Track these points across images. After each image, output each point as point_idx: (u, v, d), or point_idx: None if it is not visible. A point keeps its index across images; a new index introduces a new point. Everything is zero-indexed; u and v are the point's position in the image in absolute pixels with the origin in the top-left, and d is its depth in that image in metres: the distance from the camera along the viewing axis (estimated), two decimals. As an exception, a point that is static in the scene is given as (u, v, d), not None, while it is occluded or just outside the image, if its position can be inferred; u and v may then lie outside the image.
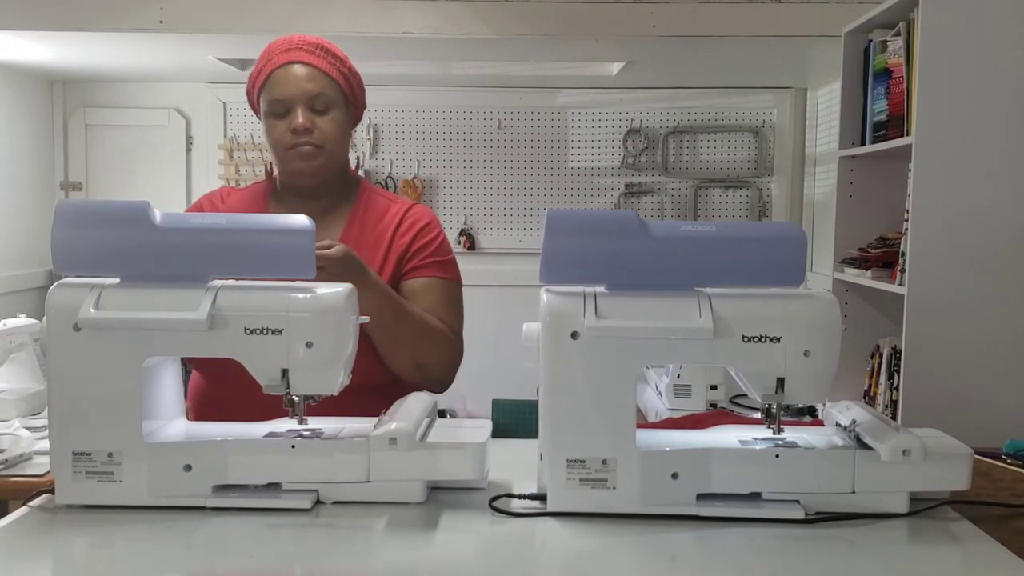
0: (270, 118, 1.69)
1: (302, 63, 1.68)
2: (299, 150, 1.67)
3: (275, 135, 1.69)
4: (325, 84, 1.69)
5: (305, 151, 1.67)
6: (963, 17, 2.35)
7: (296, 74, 1.68)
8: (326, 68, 1.70)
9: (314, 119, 1.67)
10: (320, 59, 1.70)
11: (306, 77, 1.68)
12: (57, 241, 1.27)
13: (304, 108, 1.67)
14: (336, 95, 1.71)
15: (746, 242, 1.28)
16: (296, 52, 1.70)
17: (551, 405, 1.27)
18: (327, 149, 1.69)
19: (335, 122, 1.70)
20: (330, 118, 1.69)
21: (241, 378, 1.31)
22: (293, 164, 1.69)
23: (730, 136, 4.32)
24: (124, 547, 1.19)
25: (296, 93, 1.67)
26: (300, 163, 1.68)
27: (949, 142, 2.36)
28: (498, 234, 4.36)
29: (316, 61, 1.70)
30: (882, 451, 1.22)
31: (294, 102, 1.67)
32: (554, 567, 1.16)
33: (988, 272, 2.38)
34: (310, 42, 1.72)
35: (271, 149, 1.72)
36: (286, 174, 1.73)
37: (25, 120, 4.10)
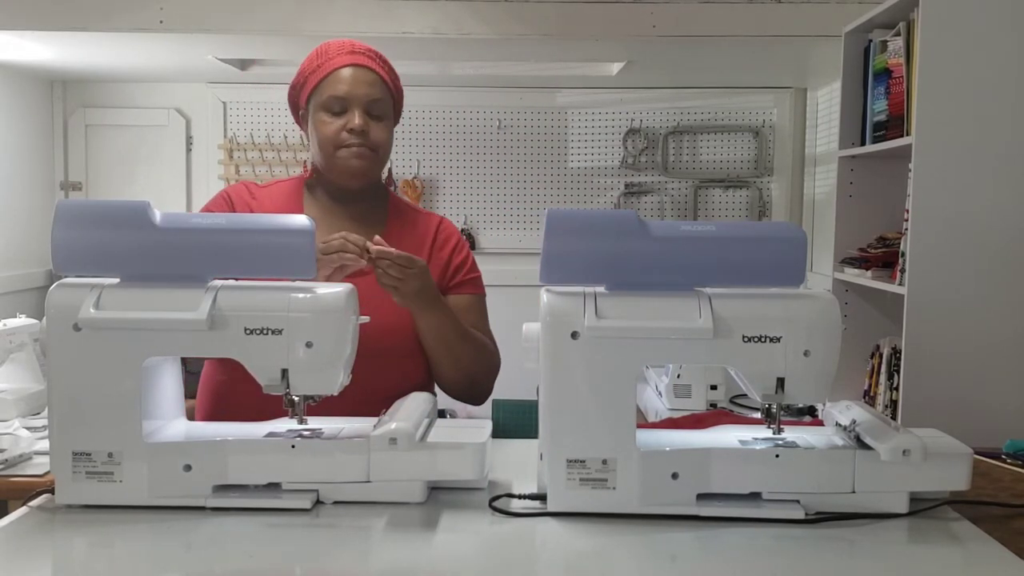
0: (323, 114, 1.70)
1: (366, 67, 1.71)
2: (352, 151, 1.69)
3: (327, 131, 1.69)
4: (384, 91, 1.72)
5: (358, 151, 1.69)
6: (963, 17, 2.35)
7: (359, 76, 1.70)
8: (387, 77, 1.74)
9: (370, 123, 1.69)
10: (381, 67, 1.74)
11: (369, 81, 1.70)
12: (57, 241, 1.27)
13: (362, 110, 1.68)
14: (390, 105, 1.75)
15: (746, 242, 1.28)
16: (360, 56, 1.72)
17: (551, 405, 1.27)
18: (379, 155, 1.72)
19: (387, 130, 1.73)
20: (383, 125, 1.72)
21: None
22: (346, 162, 1.69)
23: (730, 136, 4.32)
24: (124, 547, 1.19)
25: (358, 94, 1.68)
26: (351, 161, 1.69)
27: (949, 142, 2.36)
28: (498, 234, 4.36)
29: (378, 69, 1.72)
30: (882, 451, 1.23)
31: (353, 102, 1.68)
32: (554, 567, 1.16)
33: (988, 272, 2.38)
34: (371, 49, 1.75)
35: (317, 145, 1.72)
36: (333, 172, 1.73)
37: (25, 120, 4.10)
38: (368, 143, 1.69)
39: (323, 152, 1.71)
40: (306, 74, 1.74)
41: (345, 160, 1.69)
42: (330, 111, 1.69)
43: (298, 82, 1.76)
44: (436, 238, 1.80)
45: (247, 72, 4.02)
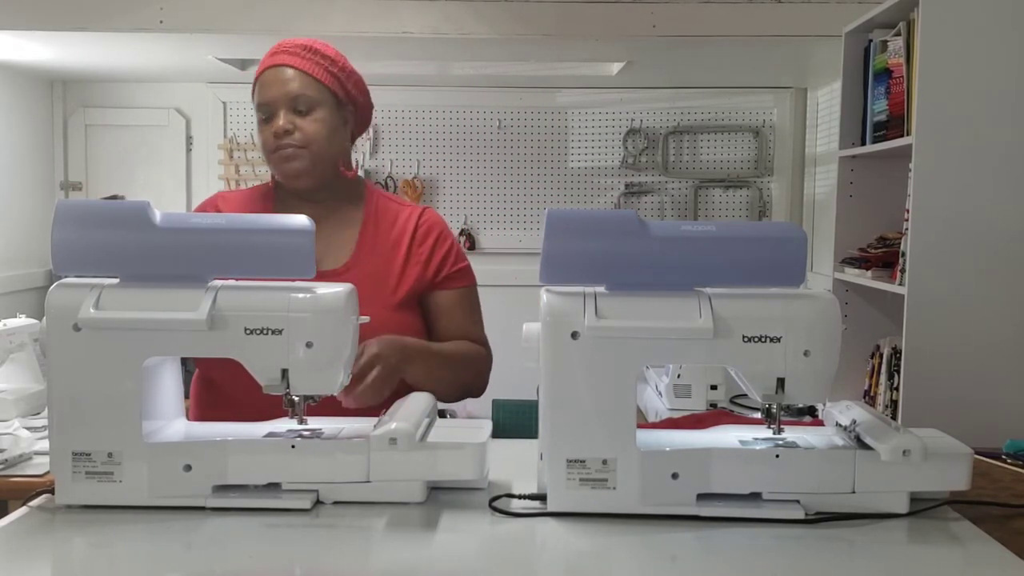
0: (260, 123, 1.70)
1: (285, 65, 1.68)
2: (283, 152, 1.67)
3: (262, 139, 1.69)
4: (307, 84, 1.68)
5: (287, 153, 1.66)
6: (963, 17, 2.35)
7: (278, 77, 1.67)
8: (309, 68, 1.69)
9: (295, 120, 1.66)
10: (304, 60, 1.69)
11: (287, 79, 1.67)
12: (57, 241, 1.27)
13: (286, 110, 1.66)
14: (320, 95, 1.69)
15: (746, 242, 1.28)
16: (280, 55, 1.69)
17: (551, 405, 1.27)
18: (311, 150, 1.67)
19: (319, 122, 1.68)
20: (313, 118, 1.67)
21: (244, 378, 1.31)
22: (279, 166, 1.69)
23: (730, 136, 4.32)
24: (124, 547, 1.19)
25: (276, 96, 1.66)
26: (284, 165, 1.68)
27: (949, 142, 2.36)
28: (498, 234, 4.36)
29: (298, 63, 1.68)
30: (882, 451, 1.22)
31: (275, 105, 1.67)
32: (554, 567, 1.16)
33: (988, 272, 2.38)
34: (298, 44, 1.71)
35: (262, 152, 1.72)
36: (278, 176, 1.73)
37: (25, 120, 4.10)
38: (296, 142, 1.66)
39: (266, 159, 1.72)
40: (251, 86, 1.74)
41: (280, 164, 1.68)
42: (261, 119, 1.69)
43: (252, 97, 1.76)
44: (416, 233, 1.75)
45: (247, 72, 4.02)
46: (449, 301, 1.76)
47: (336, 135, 1.72)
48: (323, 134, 1.69)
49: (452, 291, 1.77)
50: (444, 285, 1.76)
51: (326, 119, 1.69)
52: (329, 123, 1.70)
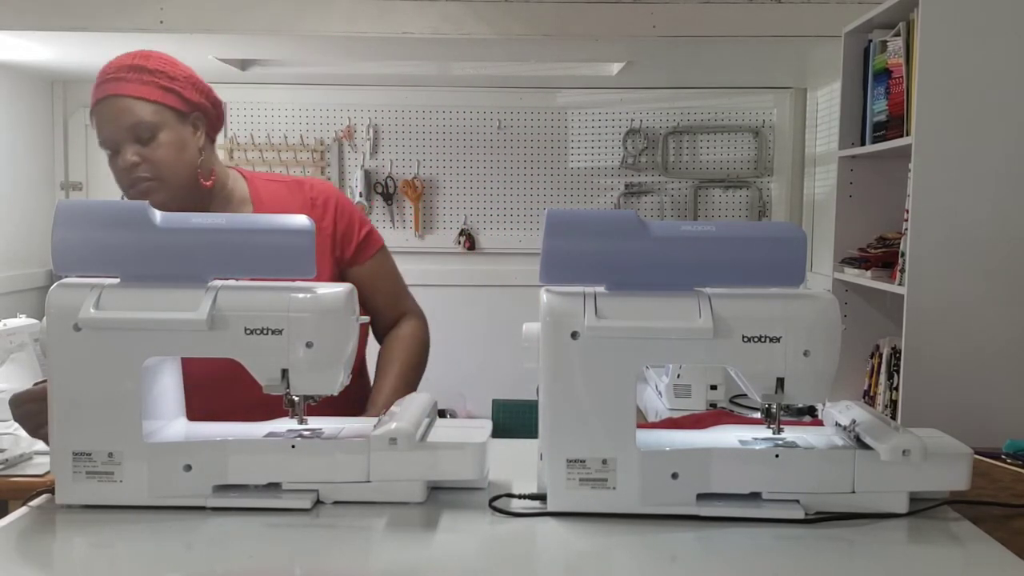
0: (108, 159, 1.62)
1: (114, 95, 1.59)
2: (138, 187, 1.59)
3: (114, 174, 1.61)
4: (141, 110, 1.59)
5: (143, 187, 1.59)
6: (963, 17, 2.35)
7: (112, 109, 1.59)
8: (141, 92, 1.59)
9: (141, 151, 1.58)
10: (133, 84, 1.60)
11: (120, 111, 1.58)
12: (57, 241, 1.27)
13: (129, 143, 1.58)
14: (159, 116, 1.60)
15: (746, 242, 1.28)
16: (108, 84, 1.60)
17: (551, 405, 1.27)
18: (165, 177, 1.60)
19: (165, 146, 1.60)
20: (158, 143, 1.59)
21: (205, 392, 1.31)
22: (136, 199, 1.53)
23: (730, 136, 4.32)
24: (124, 547, 1.19)
25: (115, 130, 1.58)
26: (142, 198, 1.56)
27: (949, 142, 2.36)
28: (498, 234, 4.36)
29: (129, 89, 1.59)
30: (882, 451, 1.22)
31: (117, 140, 1.59)
32: (554, 567, 1.16)
33: (988, 272, 2.38)
34: (123, 66, 1.61)
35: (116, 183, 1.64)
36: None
37: (25, 120, 4.10)
38: (148, 173, 1.59)
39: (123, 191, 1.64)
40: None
41: (139, 198, 1.58)
42: (109, 156, 1.61)
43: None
44: (314, 207, 1.71)
45: (247, 72, 4.02)
46: (369, 274, 1.73)
47: (186, 151, 1.64)
48: (172, 156, 1.61)
49: (370, 261, 1.74)
50: (359, 258, 1.73)
51: (172, 140, 1.61)
52: (176, 143, 1.62)
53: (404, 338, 1.77)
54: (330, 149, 4.28)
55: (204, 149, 1.69)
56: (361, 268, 1.73)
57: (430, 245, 4.34)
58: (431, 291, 4.65)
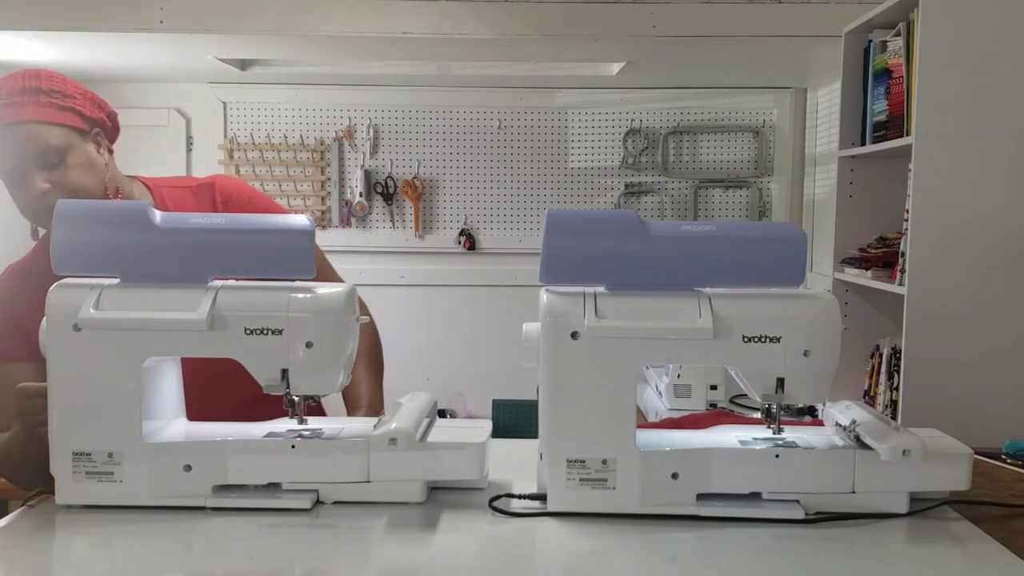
0: (9, 186, 1.53)
1: (16, 122, 1.49)
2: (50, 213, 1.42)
3: (20, 203, 1.53)
4: (47, 134, 1.50)
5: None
6: (963, 17, 2.35)
7: (14, 138, 1.49)
8: (40, 116, 1.51)
9: (51, 176, 1.51)
10: (29, 108, 1.50)
11: (25, 138, 1.49)
12: (57, 241, 1.27)
13: (36, 170, 1.50)
14: (64, 138, 1.53)
15: (746, 242, 1.28)
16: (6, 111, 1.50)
17: (551, 405, 1.27)
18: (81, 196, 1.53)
19: (75, 167, 1.53)
20: (67, 166, 1.52)
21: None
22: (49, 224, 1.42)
23: (730, 136, 4.32)
24: (124, 547, 1.19)
25: (20, 160, 1.49)
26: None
27: (949, 142, 2.36)
28: (498, 234, 4.36)
29: (27, 114, 1.50)
30: (882, 451, 1.22)
31: (24, 169, 1.50)
32: (554, 567, 1.16)
33: (988, 272, 2.38)
34: (15, 89, 1.52)
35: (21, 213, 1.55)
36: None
37: (25, 120, 4.09)
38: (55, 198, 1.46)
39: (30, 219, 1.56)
40: None
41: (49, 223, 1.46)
42: (11, 183, 1.52)
43: None
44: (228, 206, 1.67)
45: (247, 72, 4.02)
46: None
47: (95, 169, 1.58)
48: (83, 178, 1.54)
49: None
50: None
51: (80, 161, 1.54)
52: (84, 163, 1.55)
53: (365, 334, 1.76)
54: (330, 149, 4.28)
55: (108, 164, 1.63)
56: None
57: (430, 245, 4.34)
58: (431, 291, 4.66)
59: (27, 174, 1.50)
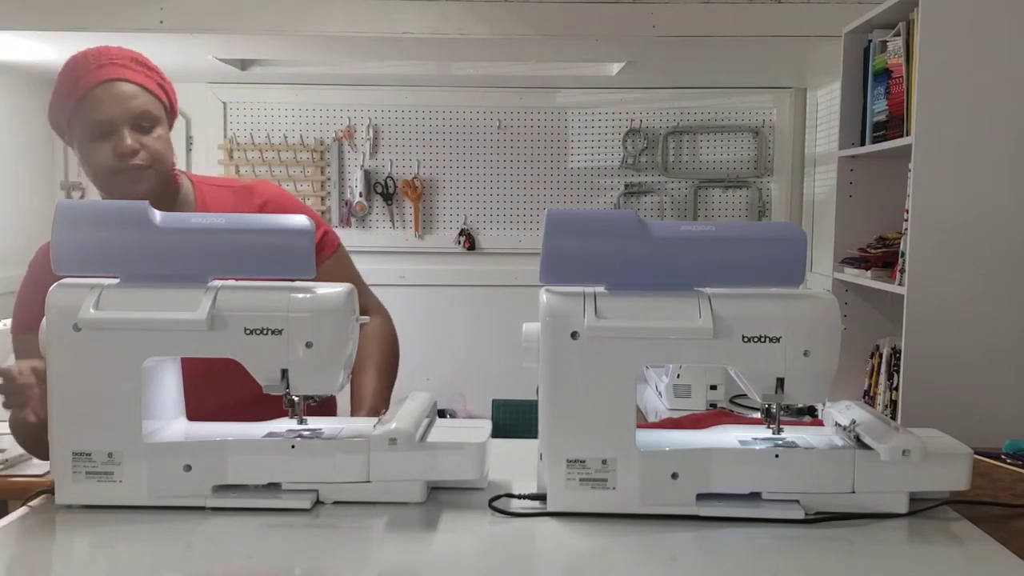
0: (90, 140, 1.58)
1: (122, 80, 1.58)
2: (130, 175, 1.58)
3: (98, 158, 1.58)
4: (148, 101, 1.60)
5: (137, 175, 1.58)
6: (963, 17, 2.35)
7: (118, 92, 1.57)
8: (146, 83, 1.62)
9: (140, 139, 1.58)
10: (139, 74, 1.61)
11: (129, 95, 1.58)
12: (57, 241, 1.27)
13: (128, 128, 1.57)
14: (159, 111, 1.63)
15: (746, 242, 1.28)
16: (113, 68, 1.59)
17: (551, 405, 1.27)
18: (156, 168, 1.61)
19: (160, 139, 1.62)
20: (155, 136, 1.61)
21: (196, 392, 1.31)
22: (122, 187, 1.59)
23: (730, 136, 4.32)
24: (124, 547, 1.19)
25: (120, 113, 1.56)
26: (130, 187, 1.58)
27: (949, 142, 2.36)
28: (498, 234, 4.36)
29: (136, 76, 1.60)
30: (882, 451, 1.22)
31: (116, 123, 1.56)
32: (554, 567, 1.16)
33: (988, 272, 2.38)
34: (126, 56, 1.62)
35: (92, 173, 1.61)
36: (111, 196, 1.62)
37: (25, 120, 4.10)
38: (141, 161, 1.58)
39: (100, 179, 1.61)
40: (61, 95, 1.60)
41: (122, 185, 1.59)
42: (96, 136, 1.57)
43: (54, 105, 1.63)
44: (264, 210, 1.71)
45: (247, 72, 4.03)
46: (329, 273, 1.72)
47: (169, 148, 1.66)
48: (164, 150, 1.63)
49: (328, 261, 1.74)
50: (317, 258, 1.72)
51: (163, 135, 1.63)
52: (165, 138, 1.64)
53: (374, 334, 1.76)
54: (330, 149, 4.28)
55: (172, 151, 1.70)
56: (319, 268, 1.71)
57: (430, 245, 4.34)
58: (431, 291, 4.66)
59: (119, 129, 1.57)
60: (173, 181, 1.69)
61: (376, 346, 1.76)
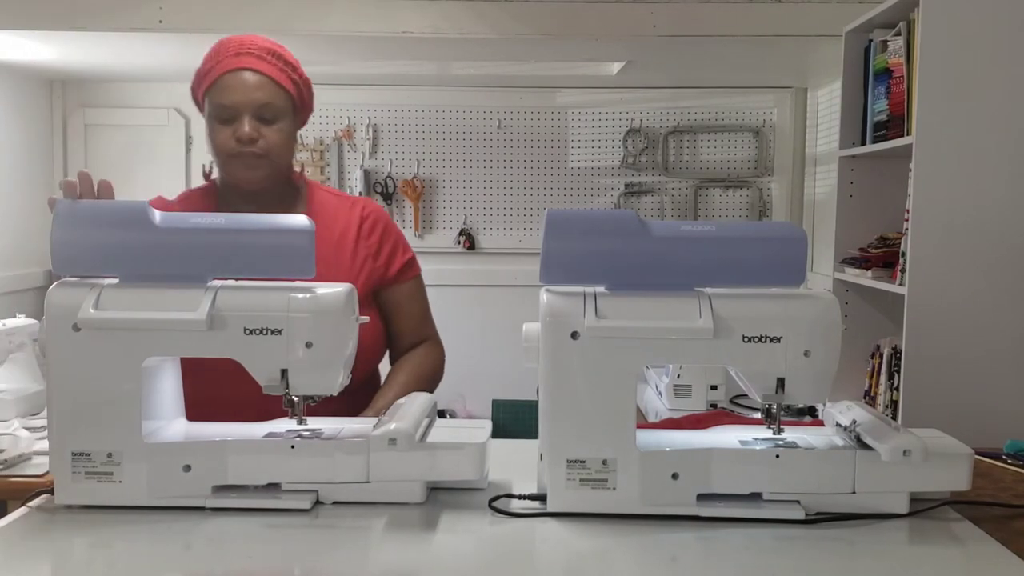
0: (215, 122, 1.66)
1: (252, 70, 1.65)
2: (244, 160, 1.65)
3: (219, 140, 1.66)
4: (274, 93, 1.66)
5: (249, 161, 1.65)
6: (963, 17, 2.35)
7: (245, 81, 1.64)
8: (276, 76, 1.67)
9: (260, 128, 1.64)
10: (271, 66, 1.67)
11: (255, 85, 1.64)
12: (57, 241, 1.27)
13: (251, 117, 1.64)
14: (284, 104, 1.68)
15: (746, 242, 1.28)
16: (247, 57, 1.65)
17: (551, 405, 1.27)
18: (271, 159, 1.67)
19: (281, 132, 1.67)
20: (276, 128, 1.66)
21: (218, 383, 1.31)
22: (236, 172, 1.67)
23: (730, 136, 4.32)
24: (124, 547, 1.18)
25: (243, 101, 1.63)
26: (244, 172, 1.66)
27: (949, 142, 2.36)
28: (498, 234, 4.36)
29: (267, 68, 1.66)
30: (882, 451, 1.22)
31: (241, 110, 1.63)
32: (554, 567, 1.16)
33: (988, 272, 2.37)
34: (262, 47, 1.68)
35: (212, 152, 1.68)
36: (228, 178, 1.71)
37: (25, 120, 4.10)
38: (258, 150, 1.64)
39: (217, 160, 1.69)
40: (200, 77, 1.69)
41: (236, 170, 1.66)
42: (220, 119, 1.65)
43: (193, 85, 1.71)
44: (361, 226, 1.76)
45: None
46: (403, 296, 1.79)
47: (292, 143, 1.72)
48: (283, 144, 1.68)
49: (405, 284, 1.79)
50: (397, 278, 1.78)
51: (286, 129, 1.69)
52: (288, 132, 1.69)
53: (419, 356, 1.81)
54: (329, 149, 4.28)
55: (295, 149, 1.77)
56: (398, 288, 1.78)
57: (430, 245, 4.34)
58: (431, 291, 4.64)
59: (241, 115, 1.63)
60: (293, 178, 1.77)
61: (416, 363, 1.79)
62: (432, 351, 1.83)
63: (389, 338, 1.80)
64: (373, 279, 1.75)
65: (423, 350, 1.82)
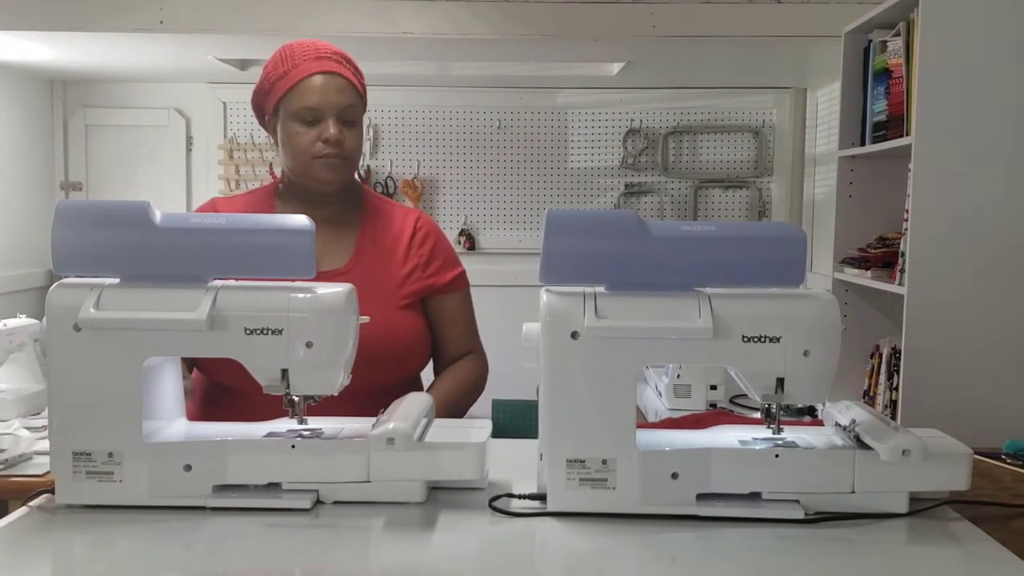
0: (296, 124, 1.68)
1: (336, 73, 1.70)
2: (328, 161, 1.68)
3: (301, 142, 1.68)
4: (354, 97, 1.72)
5: (332, 162, 1.69)
6: (963, 17, 2.35)
7: (331, 84, 1.68)
8: (354, 80, 1.73)
9: (344, 130, 1.69)
10: (349, 71, 1.73)
11: (338, 88, 1.69)
12: (57, 241, 1.27)
13: (335, 119, 1.68)
14: (360, 109, 1.75)
15: (746, 242, 1.28)
16: (328, 61, 1.70)
17: (551, 405, 1.27)
18: (351, 161, 1.72)
19: (359, 135, 1.74)
20: (356, 131, 1.73)
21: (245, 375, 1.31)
22: (320, 173, 1.69)
23: (730, 136, 4.32)
24: (124, 547, 1.19)
25: (330, 103, 1.67)
26: (328, 174, 1.69)
27: (949, 142, 2.36)
28: (498, 234, 4.36)
29: (347, 73, 1.72)
30: (882, 451, 1.22)
31: (326, 111, 1.67)
32: (554, 567, 1.16)
33: (988, 272, 2.38)
34: (338, 52, 1.74)
35: (291, 154, 1.70)
36: (308, 180, 1.72)
37: (25, 120, 4.10)
38: (343, 152, 1.69)
39: (297, 162, 1.70)
40: (272, 80, 1.71)
41: (320, 171, 1.69)
42: (303, 121, 1.68)
43: (263, 88, 1.73)
44: (414, 235, 1.79)
45: (247, 72, 4.02)
46: (452, 306, 1.81)
47: (363, 146, 1.78)
48: (359, 146, 1.75)
49: (454, 295, 1.82)
50: (446, 289, 1.80)
51: (360, 133, 1.75)
52: (361, 136, 1.76)
53: (463, 368, 1.82)
54: (330, 149, 4.28)
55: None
56: (447, 298, 1.81)
57: (430, 245, 4.34)
58: (431, 291, 4.65)
59: (326, 117, 1.68)
60: (357, 181, 1.82)
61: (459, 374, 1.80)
62: (476, 364, 1.85)
63: (435, 348, 1.82)
64: (421, 286, 1.76)
65: (467, 362, 1.84)
